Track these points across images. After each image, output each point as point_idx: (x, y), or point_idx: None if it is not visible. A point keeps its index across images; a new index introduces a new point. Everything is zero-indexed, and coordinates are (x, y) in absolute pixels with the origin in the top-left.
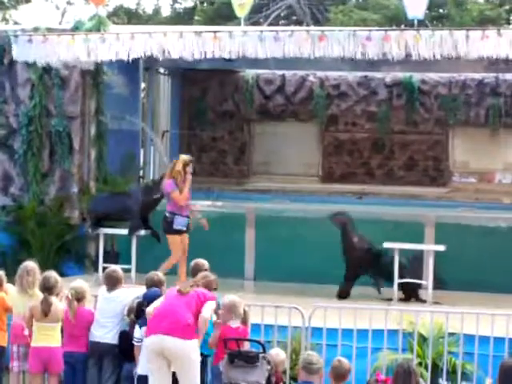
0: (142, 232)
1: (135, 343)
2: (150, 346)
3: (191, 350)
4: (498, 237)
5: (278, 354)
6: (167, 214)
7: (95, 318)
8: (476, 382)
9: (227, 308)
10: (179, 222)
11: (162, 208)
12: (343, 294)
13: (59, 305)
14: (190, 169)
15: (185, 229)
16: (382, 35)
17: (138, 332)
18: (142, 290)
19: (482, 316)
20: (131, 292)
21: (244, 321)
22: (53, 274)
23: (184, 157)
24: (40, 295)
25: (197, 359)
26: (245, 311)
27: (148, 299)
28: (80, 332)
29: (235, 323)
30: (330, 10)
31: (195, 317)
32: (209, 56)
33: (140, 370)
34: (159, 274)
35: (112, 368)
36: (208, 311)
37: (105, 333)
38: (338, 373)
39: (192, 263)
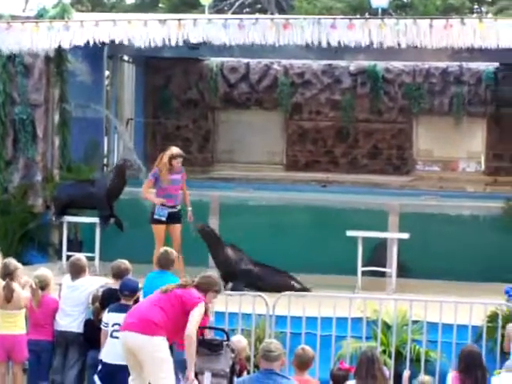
0: (112, 221)
1: (102, 327)
2: (120, 342)
3: (154, 347)
4: (462, 225)
5: (239, 340)
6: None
7: (60, 307)
8: (440, 369)
9: None
10: (158, 212)
11: (125, 196)
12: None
13: (22, 292)
14: (177, 162)
15: (163, 219)
16: (347, 23)
17: (104, 316)
18: (105, 279)
19: (446, 304)
20: (95, 280)
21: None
22: (12, 261)
23: (172, 150)
24: (1, 283)
25: (163, 358)
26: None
27: (128, 289)
28: (45, 320)
29: None
30: None
31: (171, 317)
32: (173, 44)
33: (103, 356)
34: (126, 263)
35: (77, 356)
36: (192, 327)
37: (70, 321)
38: (302, 361)
39: (160, 250)
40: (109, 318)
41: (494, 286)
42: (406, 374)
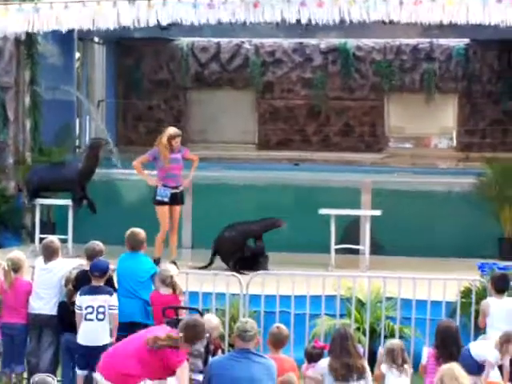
0: (85, 202)
1: (77, 311)
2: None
3: None
4: (435, 201)
5: (209, 319)
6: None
7: (33, 290)
8: (413, 345)
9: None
10: (160, 193)
11: (98, 178)
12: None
13: None
14: (176, 142)
15: (166, 200)
16: (316, 1)
17: (77, 299)
18: (78, 261)
19: (419, 280)
20: (68, 262)
21: (174, 289)
22: None
23: (170, 130)
24: None
25: None
26: (174, 280)
27: (98, 269)
28: (19, 303)
29: (165, 291)
30: None
31: (148, 370)
32: (142, 24)
33: (79, 338)
34: (100, 244)
35: (51, 339)
36: None
37: (43, 304)
38: (277, 339)
39: (127, 232)
40: (82, 301)
41: (467, 261)
42: (381, 350)
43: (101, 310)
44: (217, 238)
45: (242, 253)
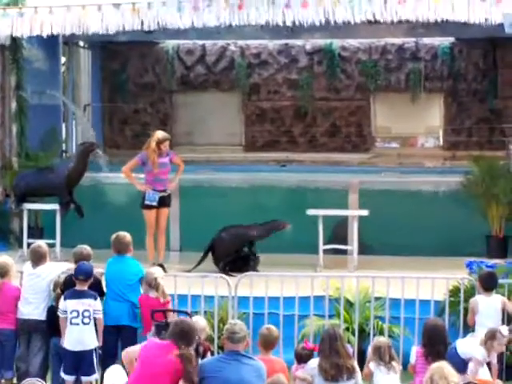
0: (72, 206)
1: (60, 315)
2: None
3: None
4: (422, 200)
5: (197, 321)
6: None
7: (22, 295)
8: (403, 344)
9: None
10: (149, 197)
11: (85, 182)
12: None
13: None
14: (164, 146)
15: (154, 204)
16: (301, 2)
17: (61, 303)
18: (67, 265)
19: (408, 279)
20: (56, 267)
21: (157, 290)
22: None
23: (158, 134)
24: None
25: None
26: (158, 282)
27: (82, 273)
28: (7, 308)
29: (154, 294)
30: None
31: None
32: (128, 28)
33: (65, 343)
34: (87, 248)
35: (40, 344)
36: None
37: (32, 309)
38: (267, 341)
39: (113, 236)
40: (67, 305)
41: (455, 260)
42: (370, 349)
43: (86, 314)
44: (214, 238)
45: (237, 255)
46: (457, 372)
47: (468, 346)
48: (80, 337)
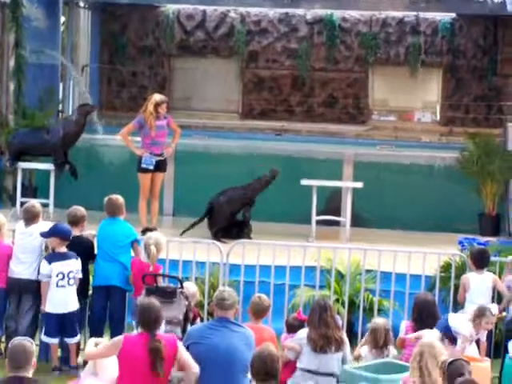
0: (67, 167)
1: (43, 280)
2: None
3: None
4: (416, 175)
5: (187, 287)
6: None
7: (14, 254)
8: (392, 318)
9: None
10: (146, 161)
11: (80, 143)
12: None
13: None
14: (162, 108)
15: (151, 168)
16: None
17: (45, 268)
18: None
19: (399, 253)
20: (49, 227)
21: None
22: None
23: (156, 97)
24: None
25: None
26: (150, 249)
27: (61, 233)
28: None
29: (146, 258)
30: None
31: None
32: None
33: (47, 307)
34: (81, 209)
35: (30, 304)
36: (193, 362)
37: (23, 269)
38: (258, 309)
39: (106, 199)
40: (52, 268)
41: (447, 236)
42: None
43: (71, 275)
44: (212, 201)
45: (233, 220)
46: (448, 344)
47: (458, 321)
48: (65, 299)
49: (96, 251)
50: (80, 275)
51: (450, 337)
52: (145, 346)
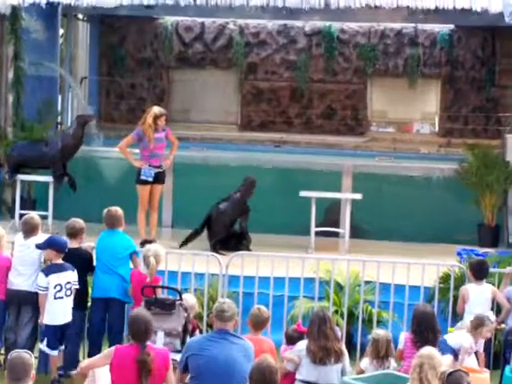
0: (65, 179)
1: (41, 292)
2: None
3: None
4: (415, 186)
5: (186, 299)
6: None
7: (13, 266)
8: (391, 329)
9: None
10: (145, 173)
11: (79, 155)
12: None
13: None
14: (161, 121)
15: (150, 179)
16: None
17: (42, 280)
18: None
19: (398, 265)
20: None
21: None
22: None
23: (155, 110)
24: None
25: None
26: (148, 261)
27: (56, 245)
28: None
29: (145, 270)
30: None
31: None
32: (127, 3)
33: (45, 319)
34: (80, 222)
35: (30, 315)
36: None
37: (23, 280)
38: (258, 321)
39: (104, 211)
40: (50, 280)
41: (446, 247)
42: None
43: (68, 286)
44: (211, 212)
45: (231, 231)
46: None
47: (456, 338)
48: (64, 309)
49: (95, 263)
50: (77, 286)
51: (457, 355)
52: (134, 357)
